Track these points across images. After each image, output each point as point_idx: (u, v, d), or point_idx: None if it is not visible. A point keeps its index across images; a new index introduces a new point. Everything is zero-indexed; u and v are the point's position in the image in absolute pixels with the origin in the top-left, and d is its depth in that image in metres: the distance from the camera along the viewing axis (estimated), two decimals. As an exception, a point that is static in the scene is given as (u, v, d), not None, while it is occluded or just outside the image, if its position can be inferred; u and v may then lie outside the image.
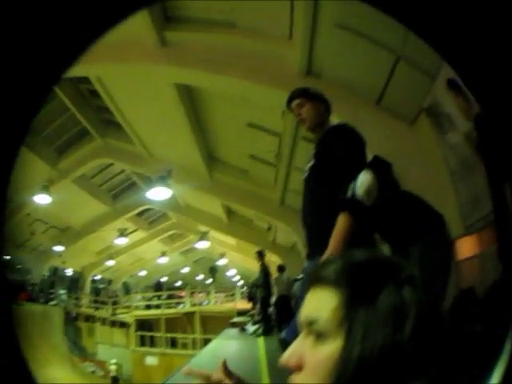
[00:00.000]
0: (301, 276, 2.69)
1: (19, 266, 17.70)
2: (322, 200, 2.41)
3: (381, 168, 4.30)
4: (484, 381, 0.73)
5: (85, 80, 9.23)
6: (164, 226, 20.12)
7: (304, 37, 4.87)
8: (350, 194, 2.18)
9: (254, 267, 12.59)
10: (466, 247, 4.02)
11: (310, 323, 0.69)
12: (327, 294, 0.69)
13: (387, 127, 5.07)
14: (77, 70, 6.92)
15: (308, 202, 2.54)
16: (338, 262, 0.73)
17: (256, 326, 10.44)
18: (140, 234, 20.17)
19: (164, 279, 30.41)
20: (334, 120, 2.70)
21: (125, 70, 7.08)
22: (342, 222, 2.16)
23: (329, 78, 5.33)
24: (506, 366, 0.72)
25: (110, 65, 6.86)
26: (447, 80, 3.45)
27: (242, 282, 26.55)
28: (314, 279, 0.73)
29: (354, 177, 2.21)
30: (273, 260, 14.16)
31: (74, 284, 22.68)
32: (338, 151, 2.37)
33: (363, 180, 2.18)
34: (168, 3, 5.92)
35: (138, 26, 5.85)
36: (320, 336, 0.67)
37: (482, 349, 1.91)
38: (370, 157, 4.44)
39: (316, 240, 2.42)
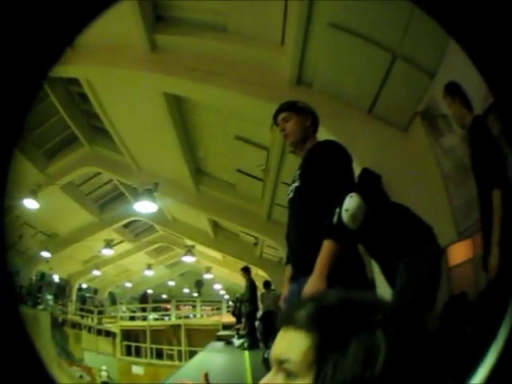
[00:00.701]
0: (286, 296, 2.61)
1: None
2: (306, 223, 2.35)
3: (370, 181, 4.32)
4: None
5: (75, 82, 9.04)
6: (150, 239, 19.98)
7: (297, 38, 4.76)
8: (335, 219, 2.11)
9: (241, 281, 12.55)
10: (458, 253, 4.04)
11: (281, 362, 0.70)
12: (298, 336, 0.70)
13: (379, 136, 5.03)
14: (67, 70, 6.83)
15: (292, 224, 2.47)
16: (310, 305, 0.74)
17: (242, 340, 10.47)
18: (126, 246, 20.00)
19: (150, 291, 30.22)
20: (323, 132, 2.65)
21: (114, 74, 6.86)
22: (327, 247, 2.10)
23: (320, 86, 5.25)
24: (492, 366, 0.75)
25: (99, 68, 6.69)
26: (445, 85, 3.37)
27: (228, 296, 26.40)
28: (286, 320, 0.75)
29: (340, 200, 2.14)
30: (259, 274, 14.14)
31: (61, 291, 22.55)
32: (323, 173, 2.30)
33: (349, 204, 2.11)
34: (159, 1, 5.78)
35: (128, 26, 5.74)
36: (290, 374, 0.69)
37: (470, 352, 1.88)
38: (359, 169, 4.50)
39: (300, 263, 2.37)
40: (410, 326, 0.70)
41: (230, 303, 20.69)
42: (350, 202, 2.10)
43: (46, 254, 17.68)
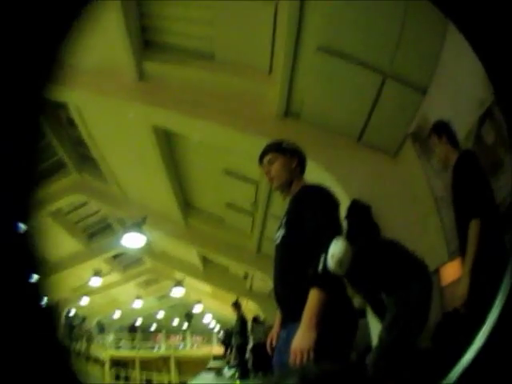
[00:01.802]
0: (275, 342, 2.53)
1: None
2: (292, 271, 2.29)
3: (359, 213, 4.28)
4: None
5: (64, 107, 8.80)
6: (139, 271, 19.71)
7: (285, 63, 4.73)
8: (320, 266, 2.03)
9: (231, 313, 12.30)
10: (450, 272, 4.01)
11: None
12: None
13: (369, 164, 5.02)
14: (55, 92, 6.70)
15: (278, 271, 2.40)
16: (294, 378, 0.75)
17: (233, 370, 10.53)
18: (115, 276, 19.68)
19: (139, 322, 29.77)
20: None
21: (103, 102, 6.75)
22: (313, 297, 2.03)
23: (308, 116, 5.24)
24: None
25: (88, 94, 6.58)
26: (432, 124, 3.39)
27: (218, 328, 26.08)
28: None
29: (325, 246, 2.06)
30: (250, 306, 14.01)
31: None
32: (307, 221, 2.24)
33: (335, 250, 2.02)
34: (147, 24, 5.73)
35: (117, 51, 5.69)
36: None
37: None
38: (349, 200, 4.46)
39: (287, 309, 2.31)
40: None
41: (221, 334, 20.50)
42: (336, 248, 2.03)
43: (33, 277, 17.41)
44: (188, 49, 5.77)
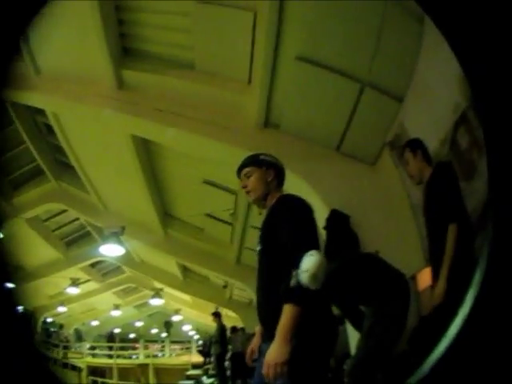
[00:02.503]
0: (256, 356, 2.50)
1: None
2: (269, 286, 2.25)
3: (338, 223, 4.31)
4: None
5: (42, 112, 8.72)
6: (118, 280, 19.40)
7: (264, 73, 4.74)
8: (293, 281, 1.99)
9: (210, 322, 12.41)
10: (426, 278, 3.95)
11: None
12: None
13: (348, 173, 5.05)
14: (32, 98, 6.69)
15: (258, 286, 2.37)
16: None
17: (211, 379, 10.79)
18: (93, 285, 19.40)
19: (117, 330, 29.43)
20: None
21: (81, 109, 6.63)
22: (287, 312, 2.00)
23: (287, 127, 5.24)
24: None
25: (65, 101, 6.48)
26: (407, 141, 3.45)
27: (197, 336, 25.92)
28: None
29: (298, 260, 2.01)
30: (230, 315, 13.99)
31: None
32: (282, 237, 2.18)
33: (308, 264, 1.98)
34: (126, 31, 5.65)
35: (96, 58, 5.63)
36: None
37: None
38: (328, 210, 4.48)
39: (267, 324, 2.25)
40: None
41: (200, 342, 20.39)
42: (309, 262, 1.98)
43: (9, 285, 17.07)
44: (168, 58, 5.73)
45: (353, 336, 4.08)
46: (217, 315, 10.58)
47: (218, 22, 4.82)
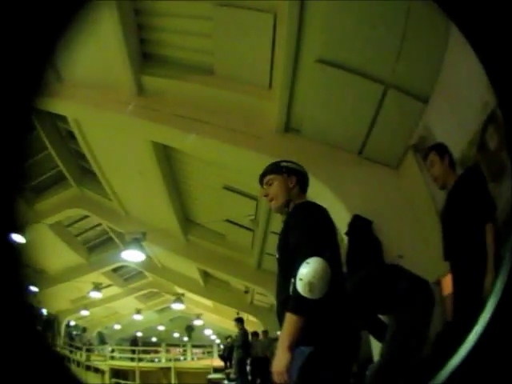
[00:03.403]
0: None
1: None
2: (284, 295, 2.17)
3: (360, 228, 4.21)
4: None
5: (64, 119, 8.83)
6: (139, 285, 19.62)
7: (285, 77, 4.64)
8: (291, 290, 1.96)
9: (231, 327, 12.82)
10: (451, 282, 3.99)
11: None
12: None
13: (370, 177, 4.92)
14: (54, 104, 6.69)
15: (276, 293, 2.33)
16: None
17: (233, 383, 10.78)
18: (115, 290, 19.62)
19: (139, 334, 29.74)
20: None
21: (102, 116, 6.67)
22: (287, 320, 1.99)
23: (308, 131, 5.14)
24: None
25: (87, 108, 6.52)
26: (433, 145, 3.39)
27: (219, 341, 25.99)
28: None
29: (296, 269, 1.96)
30: (251, 320, 13.96)
31: (49, 325, 22.05)
32: (291, 243, 2.13)
33: (303, 274, 1.91)
34: (145, 36, 5.65)
35: (116, 65, 5.64)
36: None
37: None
38: (350, 215, 4.39)
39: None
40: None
41: (222, 346, 20.43)
42: (305, 270, 1.92)
43: (33, 288, 17.35)
44: (187, 63, 5.71)
45: (375, 341, 4.01)
46: (239, 321, 10.70)
47: (237, 24, 4.75)
